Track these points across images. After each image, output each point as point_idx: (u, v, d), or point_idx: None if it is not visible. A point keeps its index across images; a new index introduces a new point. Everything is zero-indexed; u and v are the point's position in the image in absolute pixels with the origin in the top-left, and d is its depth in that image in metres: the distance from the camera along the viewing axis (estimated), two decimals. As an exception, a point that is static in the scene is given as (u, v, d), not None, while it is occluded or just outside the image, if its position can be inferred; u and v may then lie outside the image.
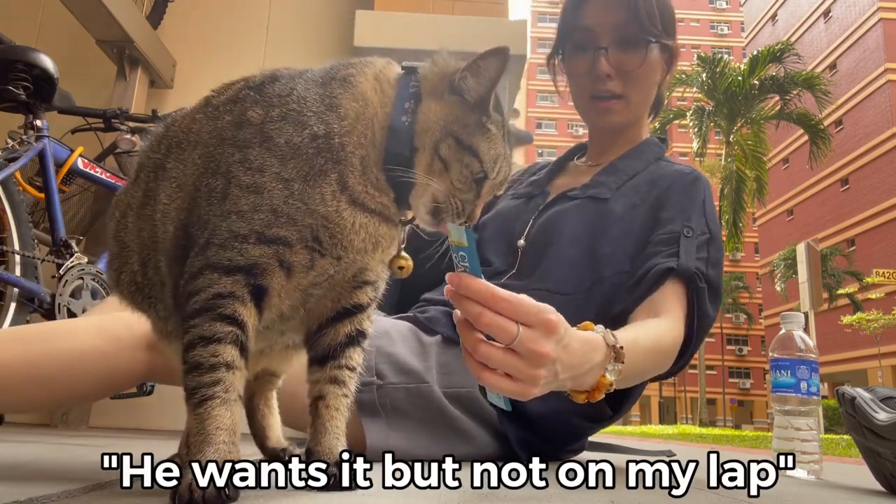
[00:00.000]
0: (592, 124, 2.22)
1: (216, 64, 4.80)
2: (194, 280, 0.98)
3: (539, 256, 1.95)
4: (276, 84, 1.08)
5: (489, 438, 1.79)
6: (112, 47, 4.31)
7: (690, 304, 1.76)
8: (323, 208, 1.00)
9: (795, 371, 1.97)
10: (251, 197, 0.98)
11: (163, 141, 1.15)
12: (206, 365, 0.94)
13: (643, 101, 2.16)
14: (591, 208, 1.99)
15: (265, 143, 1.00)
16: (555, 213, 2.04)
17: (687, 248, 1.80)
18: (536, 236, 2.02)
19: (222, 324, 0.96)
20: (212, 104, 1.13)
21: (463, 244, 1.06)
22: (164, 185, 1.09)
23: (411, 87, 1.08)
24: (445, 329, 1.84)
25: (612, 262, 1.88)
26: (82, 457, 1.80)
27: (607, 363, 1.33)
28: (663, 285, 1.74)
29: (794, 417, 1.96)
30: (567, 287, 1.84)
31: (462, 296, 1.08)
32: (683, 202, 1.93)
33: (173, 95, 4.70)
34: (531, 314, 1.10)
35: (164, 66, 4.63)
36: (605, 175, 2.08)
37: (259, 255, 0.98)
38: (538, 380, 1.14)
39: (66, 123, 3.54)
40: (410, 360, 1.73)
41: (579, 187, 2.08)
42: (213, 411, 0.93)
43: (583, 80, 2.13)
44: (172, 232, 1.06)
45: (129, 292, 1.18)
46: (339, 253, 1.04)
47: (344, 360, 1.13)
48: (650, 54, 2.06)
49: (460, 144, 1.04)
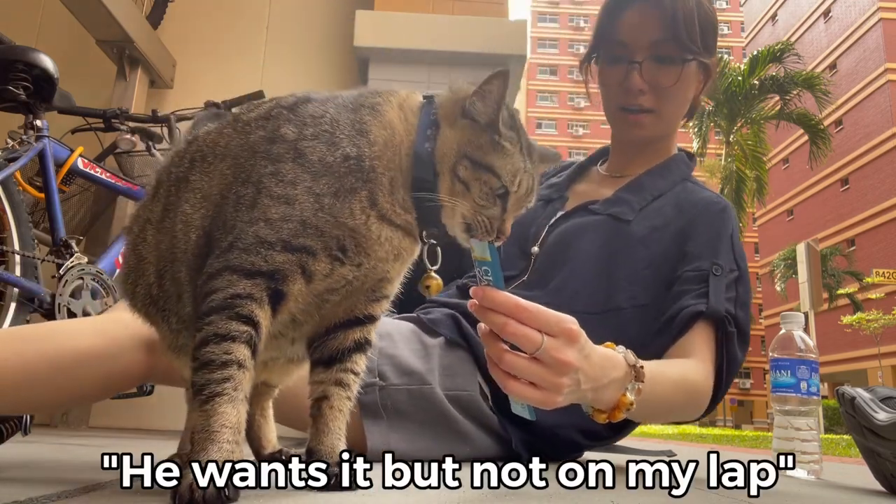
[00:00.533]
0: (620, 135, 2.16)
1: (216, 64, 4.81)
2: (212, 280, 0.99)
3: (552, 268, 1.93)
4: (309, 105, 1.11)
5: (490, 441, 1.79)
6: (112, 47, 4.32)
7: (719, 347, 1.73)
8: (352, 221, 1.04)
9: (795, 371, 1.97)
10: (282, 207, 1.01)
11: (185, 156, 1.17)
12: (218, 362, 0.95)
13: (675, 115, 2.09)
14: (610, 228, 1.94)
15: (298, 159, 1.04)
16: (573, 225, 1.99)
17: (716, 289, 1.76)
18: (551, 247, 1.98)
19: (238, 323, 0.97)
20: (241, 120, 1.15)
21: (486, 259, 1.11)
22: (187, 195, 1.11)
23: (431, 115, 1.13)
24: (448, 331, 1.84)
25: (627, 289, 1.85)
26: (82, 457, 1.80)
27: (627, 381, 1.37)
28: (692, 328, 1.72)
29: (794, 417, 1.96)
30: (577, 305, 1.73)
31: (486, 308, 1.13)
32: (711, 236, 1.88)
33: (173, 95, 4.70)
34: (553, 324, 1.15)
35: (164, 66, 4.63)
36: (629, 192, 2.02)
37: (283, 261, 1.00)
38: (562, 388, 1.18)
39: (66, 123, 3.54)
40: (413, 362, 1.73)
41: (601, 201, 2.03)
42: (220, 408, 0.94)
43: (614, 91, 2.07)
44: (195, 240, 1.08)
45: (144, 305, 1.19)
46: (361, 260, 1.07)
47: (350, 365, 1.15)
48: (686, 71, 1.99)
49: (475, 164, 1.09)
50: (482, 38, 4.18)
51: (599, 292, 1.86)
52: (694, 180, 2.09)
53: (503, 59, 4.19)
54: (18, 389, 1.32)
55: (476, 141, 1.09)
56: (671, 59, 1.97)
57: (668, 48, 1.96)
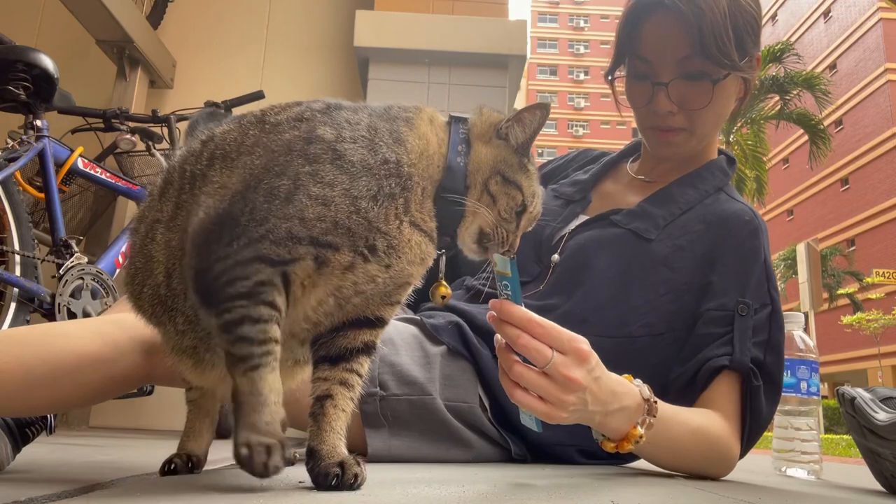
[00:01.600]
0: (651, 150, 1.99)
1: (216, 64, 4.81)
2: (243, 268, 1.02)
3: (568, 284, 1.84)
4: (343, 111, 1.14)
5: (491, 448, 1.78)
6: (112, 47, 4.32)
7: (744, 401, 1.63)
8: (385, 226, 1.07)
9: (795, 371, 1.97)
10: (318, 208, 1.03)
11: (202, 154, 1.17)
12: (257, 339, 1.00)
13: (711, 132, 1.91)
14: (630, 245, 1.81)
15: (337, 161, 1.06)
16: (592, 239, 1.87)
17: (742, 334, 1.64)
18: (568, 260, 1.87)
19: (267, 308, 1.01)
20: (269, 121, 1.16)
21: (507, 274, 1.17)
22: (206, 190, 1.11)
23: (461, 134, 1.18)
24: (451, 340, 1.80)
25: (642, 316, 1.75)
26: (82, 457, 1.80)
27: (639, 414, 1.37)
28: (716, 380, 1.64)
29: (794, 417, 1.96)
30: (591, 329, 1.47)
31: (503, 321, 1.19)
32: (740, 264, 1.73)
33: (173, 95, 4.70)
34: (564, 341, 1.20)
35: (164, 66, 4.64)
36: (655, 204, 1.87)
37: (304, 253, 1.03)
38: (567, 404, 1.22)
39: (66, 123, 3.54)
40: (414, 372, 1.71)
41: (624, 212, 1.89)
42: (268, 376, 1.00)
43: (642, 111, 1.89)
44: None
45: (151, 306, 1.19)
46: (391, 262, 1.09)
47: (355, 366, 1.16)
48: (721, 88, 1.79)
49: (506, 180, 1.16)
50: (482, 38, 4.18)
51: (613, 317, 1.76)
52: (728, 189, 1.92)
53: (503, 58, 4.19)
54: (18, 393, 1.32)
55: (509, 160, 1.17)
56: (702, 75, 1.76)
57: (697, 64, 1.75)
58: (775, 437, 1.99)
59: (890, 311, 35.90)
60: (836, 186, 47.42)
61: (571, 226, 1.95)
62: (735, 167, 1.98)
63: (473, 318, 1.83)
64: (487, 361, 1.75)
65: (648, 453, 1.54)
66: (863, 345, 41.06)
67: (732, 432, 1.59)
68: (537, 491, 1.13)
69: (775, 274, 1.79)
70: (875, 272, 38.88)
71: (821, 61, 48.52)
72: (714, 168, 1.94)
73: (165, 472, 1.24)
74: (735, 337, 1.64)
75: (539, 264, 1.92)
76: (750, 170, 24.10)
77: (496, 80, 4.19)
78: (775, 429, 1.96)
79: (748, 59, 1.80)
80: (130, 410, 4.08)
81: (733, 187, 1.95)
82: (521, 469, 1.57)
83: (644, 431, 1.37)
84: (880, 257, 42.08)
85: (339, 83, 4.83)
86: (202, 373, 1.18)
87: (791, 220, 52.02)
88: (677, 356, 1.71)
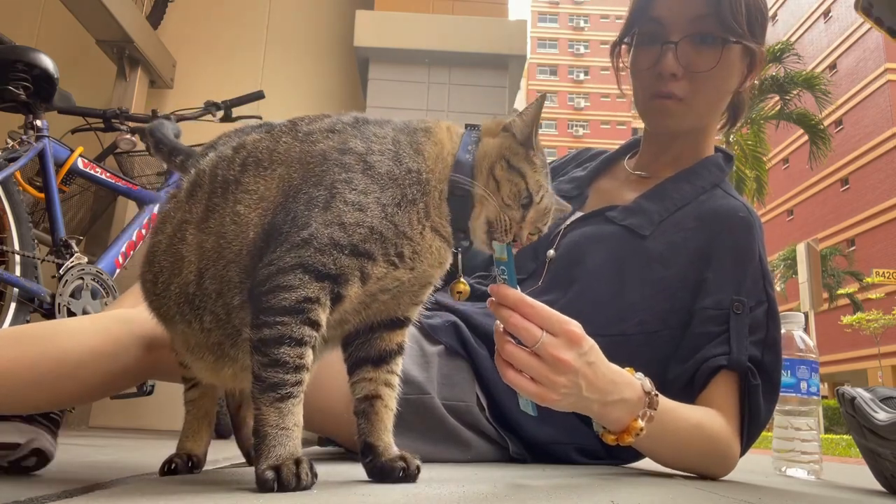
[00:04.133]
0: (648, 125, 2.00)
1: (216, 64, 4.82)
2: (285, 275, 1.04)
3: (563, 280, 1.85)
4: (370, 126, 1.21)
5: (489, 447, 1.78)
6: (112, 47, 4.32)
7: (742, 400, 1.63)
8: (410, 231, 1.13)
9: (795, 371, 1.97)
10: (356, 213, 1.08)
11: (234, 161, 1.20)
12: (293, 365, 1.02)
13: (708, 109, 1.91)
14: (625, 242, 1.82)
15: (368, 171, 1.12)
16: (586, 235, 1.88)
17: (738, 333, 1.64)
18: (563, 257, 1.89)
19: (310, 329, 1.04)
20: (301, 130, 1.21)
21: (503, 259, 1.20)
22: (240, 197, 1.15)
23: (473, 136, 1.24)
24: (449, 339, 1.82)
25: (637, 313, 1.76)
26: (82, 457, 1.81)
27: (640, 406, 1.38)
28: (714, 380, 1.64)
29: (794, 417, 1.96)
30: (586, 327, 1.37)
31: (499, 304, 1.21)
32: (735, 260, 1.73)
33: (173, 95, 4.71)
34: (555, 322, 1.23)
35: (164, 66, 4.64)
36: (650, 200, 1.88)
37: (348, 265, 1.07)
38: (557, 386, 1.23)
39: (66, 123, 3.54)
40: (412, 371, 1.72)
41: (620, 208, 1.90)
42: (295, 408, 1.02)
43: (646, 77, 1.89)
44: (252, 238, 1.12)
45: (177, 304, 1.20)
46: (415, 265, 1.15)
47: (394, 367, 1.25)
48: (727, 56, 1.81)
49: (510, 166, 1.18)
50: (482, 38, 4.18)
51: (608, 315, 1.75)
52: (725, 185, 1.92)
53: (503, 58, 4.19)
54: (19, 390, 1.32)
55: (514, 148, 1.20)
56: (711, 39, 1.79)
57: (708, 25, 1.79)
58: (775, 437, 1.99)
59: (890, 311, 35.90)
60: (836, 186, 47.45)
61: (567, 222, 1.95)
62: (732, 164, 1.98)
63: (470, 318, 1.84)
64: (484, 361, 1.76)
65: (649, 447, 1.54)
66: (863, 345, 41.06)
67: (732, 431, 1.60)
68: (536, 491, 1.13)
69: (772, 272, 1.79)
70: (875, 272, 38.89)
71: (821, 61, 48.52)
72: (710, 164, 1.94)
73: (165, 472, 1.25)
74: (732, 336, 1.64)
75: (535, 260, 1.93)
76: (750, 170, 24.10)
77: (496, 80, 4.19)
78: (775, 429, 1.96)
79: (754, 41, 1.83)
80: (130, 410, 4.08)
81: (730, 184, 1.95)
82: (520, 469, 1.57)
83: (645, 424, 1.37)
84: (880, 257, 42.09)
85: (339, 83, 4.83)
86: (219, 370, 1.21)
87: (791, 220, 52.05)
88: (673, 355, 1.71)
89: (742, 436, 1.62)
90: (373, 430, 1.20)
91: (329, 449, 2.09)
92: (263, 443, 0.99)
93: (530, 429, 1.76)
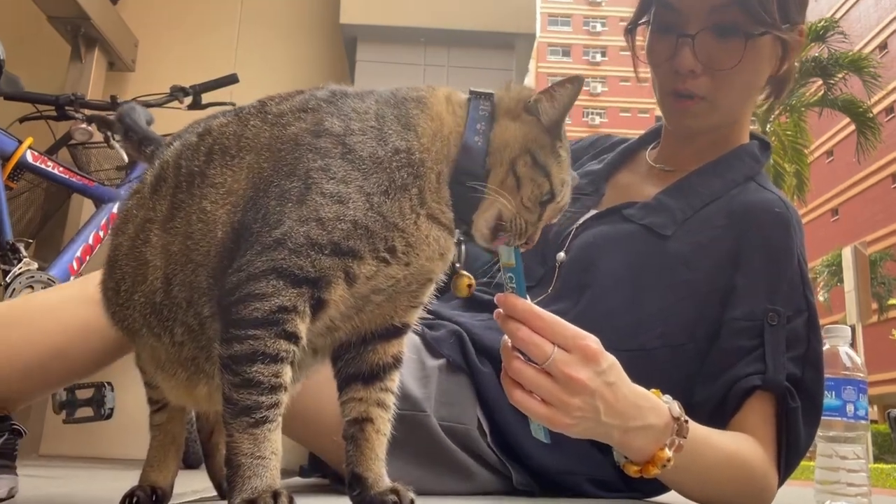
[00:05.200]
0: (668, 126, 1.97)
1: (184, 44, 4.81)
2: (256, 282, 1.02)
3: (573, 289, 1.82)
4: (348, 99, 1.17)
5: (490, 476, 1.76)
6: (65, 25, 4.31)
7: (779, 425, 1.62)
8: (401, 222, 1.09)
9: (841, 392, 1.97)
10: (335, 206, 1.05)
11: (198, 149, 1.19)
12: (268, 385, 1.00)
13: (737, 105, 1.89)
14: (644, 243, 1.79)
15: (347, 156, 1.09)
16: (600, 235, 1.85)
17: (774, 347, 1.62)
18: (574, 261, 1.85)
19: (286, 342, 1.02)
20: (270, 112, 1.18)
21: (511, 265, 1.19)
22: (206, 191, 1.14)
23: (481, 111, 1.18)
24: (451, 352, 1.80)
25: (658, 324, 1.73)
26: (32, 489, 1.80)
27: (667, 434, 1.37)
28: (747, 402, 1.62)
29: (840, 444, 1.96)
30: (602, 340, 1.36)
31: (507, 316, 1.21)
32: (769, 263, 1.70)
33: (135, 79, 4.70)
34: (568, 337, 1.21)
35: (125, 46, 4.64)
36: (673, 196, 1.85)
37: (329, 266, 1.05)
38: (571, 408, 1.22)
39: (14, 111, 3.54)
40: (409, 385, 1.71)
41: (638, 205, 1.87)
42: (272, 435, 1.00)
43: (662, 70, 1.85)
44: (221, 238, 1.11)
45: (143, 315, 1.19)
46: (410, 259, 1.12)
47: (388, 384, 1.22)
48: (754, 49, 1.76)
49: (536, 162, 1.14)
50: (485, 14, 4.18)
51: (624, 326, 1.72)
52: (761, 178, 1.88)
53: (509, 37, 4.19)
54: (8, 382, 1.33)
55: (541, 140, 1.15)
56: (734, 31, 1.74)
57: (731, 15, 1.73)
58: (818, 466, 1.99)
59: (948, 324, 35.90)
60: (887, 182, 47.45)
61: (579, 221, 1.93)
62: (769, 153, 1.95)
63: (472, 331, 1.82)
64: (488, 379, 1.74)
65: (676, 480, 1.55)
66: (917, 362, 41.06)
67: (769, 460, 1.59)
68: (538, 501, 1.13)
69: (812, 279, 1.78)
70: (931, 280, 38.88)
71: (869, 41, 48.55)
72: (743, 154, 1.91)
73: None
74: (767, 351, 1.62)
75: (544, 265, 1.90)
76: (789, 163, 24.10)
77: (501, 62, 4.19)
78: (818, 457, 1.96)
79: (790, 25, 1.79)
80: (85, 436, 4.06)
81: (767, 176, 1.92)
82: (526, 502, 1.57)
83: (672, 454, 1.37)
84: (937, 263, 42.08)
85: (323, 65, 4.83)
86: (193, 388, 1.19)
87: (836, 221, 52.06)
88: (701, 373, 1.70)
89: (780, 465, 1.62)
90: (362, 458, 1.18)
91: (312, 480, 2.09)
92: (237, 474, 0.98)
93: (538, 456, 1.74)
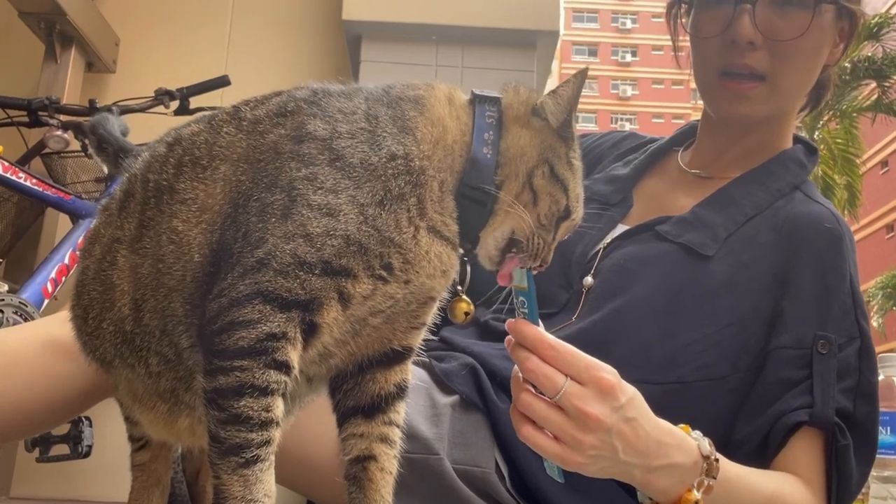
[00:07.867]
0: (717, 112, 1.89)
1: (168, 43, 4.81)
2: (240, 308, 1.02)
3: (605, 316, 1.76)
4: (333, 99, 1.16)
5: None
6: (39, 21, 4.32)
7: (829, 464, 1.58)
8: (398, 236, 1.08)
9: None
10: (324, 220, 1.04)
11: (167, 161, 1.18)
12: (258, 420, 1.00)
13: (797, 89, 1.84)
14: (682, 264, 1.74)
15: (335, 162, 1.08)
16: (631, 257, 1.80)
17: (823, 379, 1.58)
18: (604, 284, 1.79)
19: (277, 373, 1.02)
20: (245, 118, 1.18)
21: (524, 288, 1.19)
22: (176, 209, 1.13)
23: (488, 118, 1.18)
24: (465, 387, 1.75)
25: (697, 355, 1.68)
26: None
27: (696, 474, 1.36)
28: (793, 438, 1.59)
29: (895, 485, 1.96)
30: (633, 373, 1.35)
31: (518, 344, 1.21)
32: (819, 285, 1.67)
33: (116, 81, 4.72)
34: (581, 368, 1.19)
35: (105, 45, 4.65)
36: (713, 210, 1.80)
37: (321, 287, 1.04)
38: (584, 446, 1.21)
39: (-18, 117, 3.56)
40: (419, 424, 1.68)
41: (673, 220, 1.82)
42: (263, 475, 1.00)
43: (712, 48, 1.80)
44: (199, 262, 1.10)
45: (113, 345, 1.20)
46: (410, 277, 1.12)
47: (393, 416, 1.23)
48: (820, 20, 1.72)
49: (553, 174, 1.15)
50: (504, 9, 4.17)
51: (660, 358, 1.69)
52: (807, 187, 1.85)
53: (530, 35, 4.19)
54: None
55: (555, 147, 1.16)
56: (799, 1, 1.71)
57: None
58: (872, 510, 1.99)
59: None
60: (949, 196, 47.33)
61: (607, 239, 1.88)
62: (816, 158, 1.92)
63: (489, 362, 1.78)
64: (504, 416, 1.72)
65: None
66: (984, 396, 40.77)
67: (816, 503, 1.57)
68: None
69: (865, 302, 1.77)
70: None
71: (928, 39, 48.51)
72: (788, 160, 1.87)
73: (106, 554, 1.25)
74: (815, 383, 1.59)
75: (569, 290, 1.86)
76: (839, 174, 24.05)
77: (521, 63, 4.19)
78: (871, 499, 1.96)
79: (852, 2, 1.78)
80: (61, 477, 4.07)
81: (814, 185, 1.89)
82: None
83: (701, 496, 1.36)
84: None
85: (324, 66, 4.83)
86: (174, 422, 1.19)
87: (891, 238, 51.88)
88: (742, 407, 1.68)
89: None
90: (366, 500, 1.17)
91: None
92: None
93: (560, 501, 1.72)
